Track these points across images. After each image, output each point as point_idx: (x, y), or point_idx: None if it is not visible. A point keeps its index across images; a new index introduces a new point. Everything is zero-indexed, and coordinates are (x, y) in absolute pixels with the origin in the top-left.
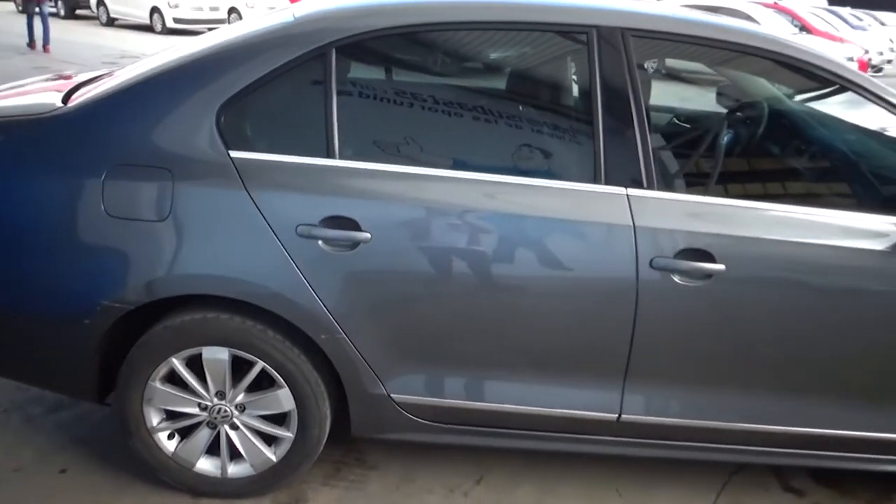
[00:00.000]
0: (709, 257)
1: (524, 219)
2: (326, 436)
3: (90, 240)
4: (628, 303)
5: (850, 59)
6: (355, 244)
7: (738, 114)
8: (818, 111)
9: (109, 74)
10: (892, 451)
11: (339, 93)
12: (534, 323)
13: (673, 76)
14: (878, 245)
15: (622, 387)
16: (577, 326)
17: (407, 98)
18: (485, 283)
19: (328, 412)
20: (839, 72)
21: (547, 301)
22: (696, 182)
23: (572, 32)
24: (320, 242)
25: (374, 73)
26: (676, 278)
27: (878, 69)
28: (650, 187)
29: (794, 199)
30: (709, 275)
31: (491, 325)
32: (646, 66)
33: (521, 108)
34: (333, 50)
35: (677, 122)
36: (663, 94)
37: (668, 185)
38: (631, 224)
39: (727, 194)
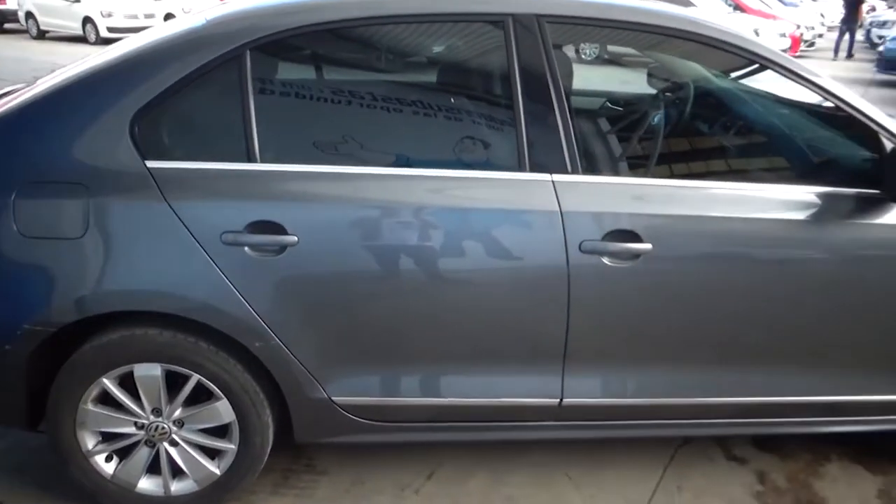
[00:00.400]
0: (636, 237)
1: (453, 211)
2: (270, 444)
3: (4, 263)
4: (561, 287)
5: (783, 35)
6: (282, 248)
7: (667, 95)
8: (743, 89)
9: (25, 89)
10: (828, 413)
11: (256, 95)
12: (470, 315)
13: (615, 61)
14: (801, 215)
15: (562, 371)
16: (513, 315)
17: (326, 96)
18: (417, 278)
19: (270, 420)
20: (755, 49)
21: (482, 292)
22: (622, 164)
23: (489, 21)
24: (247, 249)
25: (291, 73)
26: (606, 260)
27: (810, 44)
28: (575, 172)
29: (720, 176)
30: (637, 255)
31: (428, 321)
32: (586, 51)
33: (444, 100)
34: (247, 51)
35: (610, 105)
36: (607, 79)
37: (594, 169)
38: (558, 209)
39: (654, 174)
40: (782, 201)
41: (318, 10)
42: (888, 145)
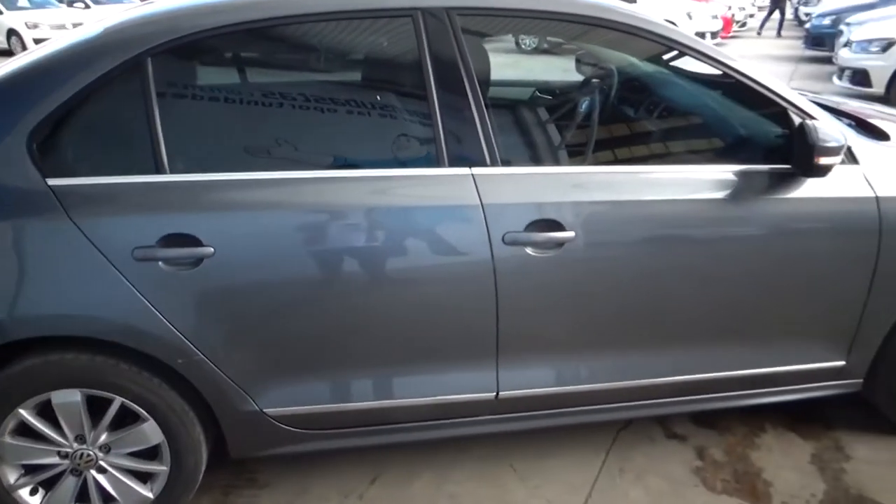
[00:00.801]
0: (558, 226)
1: (374, 211)
2: (205, 462)
3: None
4: (488, 281)
5: (715, 17)
6: (199, 260)
7: (593, 82)
8: (664, 73)
9: None
10: (761, 385)
11: (161, 104)
12: (398, 315)
13: (553, 50)
14: (719, 194)
15: (496, 364)
16: (443, 312)
17: (235, 99)
18: (340, 283)
19: (202, 438)
20: (668, 34)
21: (408, 291)
22: (548, 153)
23: (397, 16)
24: (161, 263)
25: (197, 79)
26: (530, 251)
27: (742, 24)
28: (494, 164)
29: (640, 160)
30: (560, 243)
31: (354, 324)
32: (525, 41)
33: (359, 98)
34: (149, 59)
35: (539, 94)
36: (548, 68)
37: (518, 159)
38: (479, 203)
39: (577, 162)
40: (701, 181)
41: (218, 13)
42: (796, 121)
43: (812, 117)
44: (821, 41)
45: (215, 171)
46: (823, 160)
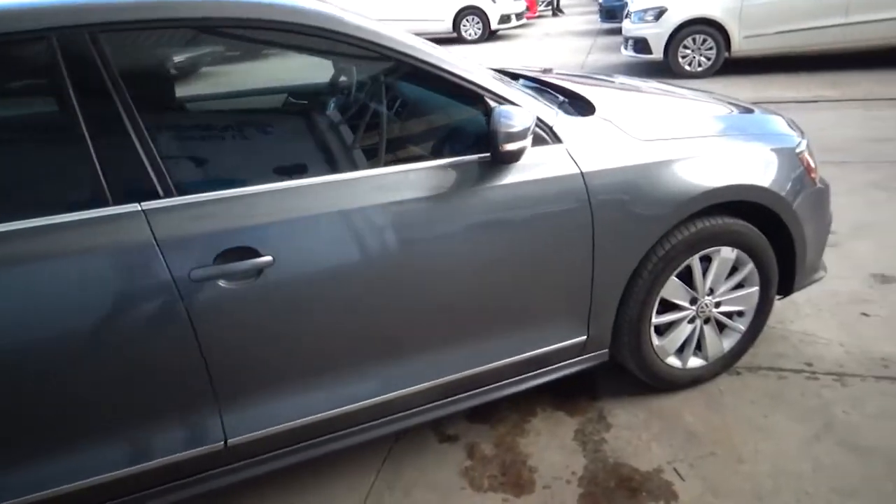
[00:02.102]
0: (253, 253)
1: (23, 264)
2: None
3: None
4: (183, 325)
5: None
6: None
7: (294, 102)
8: (376, 73)
9: None
10: (515, 373)
11: None
12: (90, 386)
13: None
14: (427, 191)
15: (218, 410)
16: (141, 369)
17: None
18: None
19: None
20: (354, 33)
21: (94, 358)
22: (220, 177)
23: (27, 42)
24: None
25: None
26: (224, 283)
27: (549, 3)
28: (168, 195)
29: (343, 167)
30: (259, 270)
31: (51, 399)
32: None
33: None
34: None
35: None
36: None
37: (192, 187)
38: (153, 241)
39: (257, 182)
40: (408, 180)
41: None
42: (492, 106)
43: (510, 102)
44: (613, 14)
45: None
46: (508, 146)
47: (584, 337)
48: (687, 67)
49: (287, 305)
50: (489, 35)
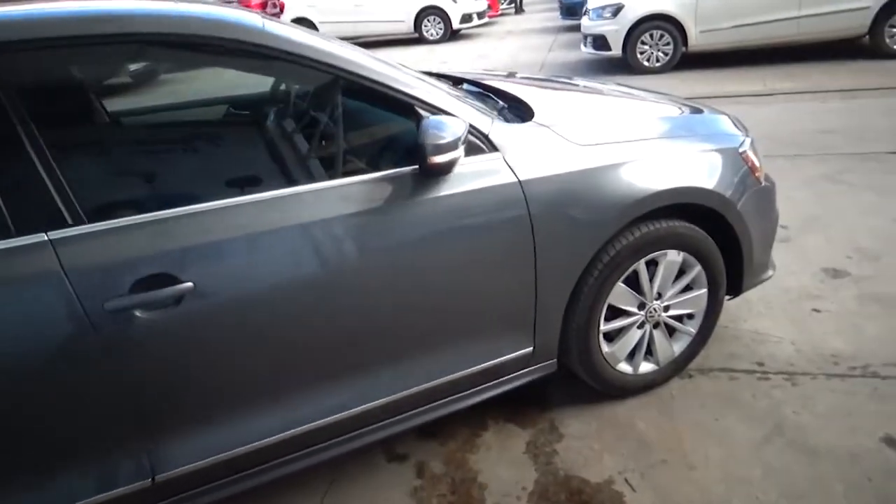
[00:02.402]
0: (172, 279)
1: None
2: None
3: None
4: (97, 359)
5: None
6: None
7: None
8: (307, 85)
9: None
10: (464, 388)
11: None
12: (11, 430)
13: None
14: (359, 206)
15: (143, 446)
16: (58, 410)
17: None
18: None
19: None
20: (275, 45)
21: (6, 396)
22: (136, 200)
23: None
24: None
25: None
26: (141, 314)
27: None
28: (78, 222)
29: (271, 185)
30: (180, 297)
31: None
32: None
33: None
34: None
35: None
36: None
37: (104, 212)
38: (61, 272)
39: (176, 204)
40: (335, 197)
41: None
42: (422, 116)
43: (441, 111)
44: (573, 11)
45: None
46: (437, 158)
47: (531, 348)
48: (645, 63)
49: (212, 333)
50: (451, 35)
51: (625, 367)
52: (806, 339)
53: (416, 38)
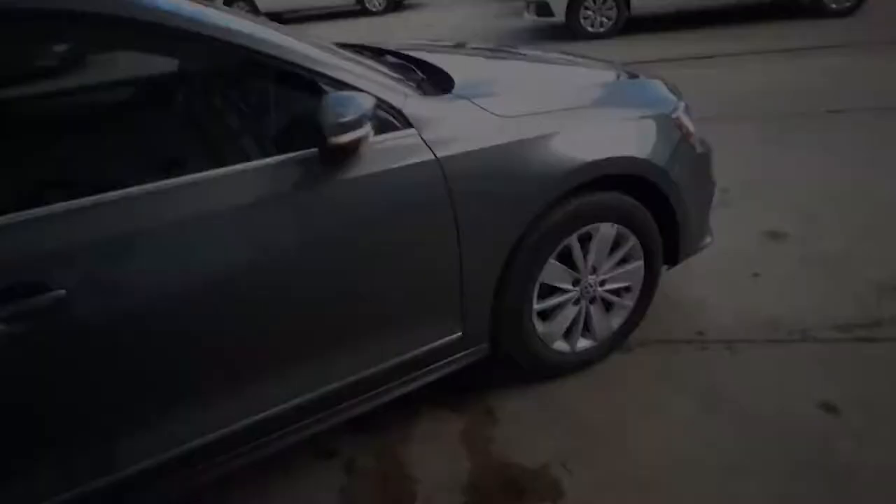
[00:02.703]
0: (41, 287)
1: None
2: None
3: None
4: None
5: None
6: None
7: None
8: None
9: None
10: (402, 374)
11: None
12: None
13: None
14: (248, 197)
15: (23, 471)
16: None
17: None
18: None
19: None
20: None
21: None
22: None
23: None
24: None
25: None
26: (5, 327)
27: None
28: None
29: (146, 177)
30: (51, 306)
31: None
32: None
33: None
34: None
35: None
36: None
37: None
38: None
39: (44, 202)
40: (228, 186)
41: None
42: (325, 92)
43: (347, 86)
44: None
45: None
46: (339, 138)
47: (460, 333)
48: (590, 28)
49: (93, 341)
50: (396, 5)
51: (561, 345)
52: (745, 305)
53: (358, 11)
